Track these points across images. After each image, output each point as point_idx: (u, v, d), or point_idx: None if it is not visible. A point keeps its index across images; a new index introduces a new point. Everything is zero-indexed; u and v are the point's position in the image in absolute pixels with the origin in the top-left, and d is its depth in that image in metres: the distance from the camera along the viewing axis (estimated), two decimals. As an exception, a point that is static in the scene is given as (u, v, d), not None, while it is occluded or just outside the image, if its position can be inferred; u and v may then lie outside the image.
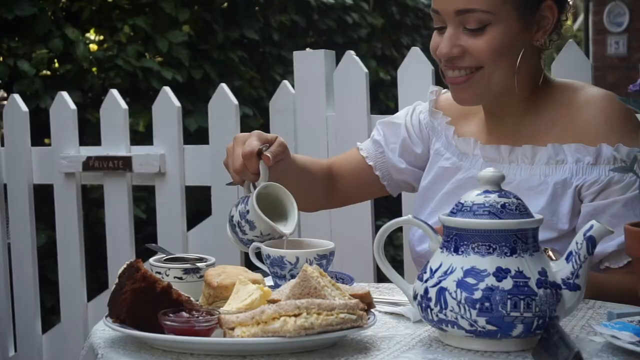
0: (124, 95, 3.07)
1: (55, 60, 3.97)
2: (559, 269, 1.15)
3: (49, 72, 3.99)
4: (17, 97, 3.04)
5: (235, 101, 2.68)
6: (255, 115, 4.29)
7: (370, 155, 1.85)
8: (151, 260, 1.45)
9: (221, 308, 1.23)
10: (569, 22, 1.65)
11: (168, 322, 1.15)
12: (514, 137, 1.63)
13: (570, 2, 1.61)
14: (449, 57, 1.56)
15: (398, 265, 2.01)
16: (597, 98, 1.59)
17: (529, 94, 1.62)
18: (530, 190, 1.57)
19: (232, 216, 1.53)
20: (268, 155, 1.53)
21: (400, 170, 1.83)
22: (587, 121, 1.57)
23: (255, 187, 1.53)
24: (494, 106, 1.65)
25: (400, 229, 2.87)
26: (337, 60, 2.56)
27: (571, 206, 1.55)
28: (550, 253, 1.38)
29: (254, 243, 1.51)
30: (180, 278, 1.40)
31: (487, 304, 1.10)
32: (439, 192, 1.71)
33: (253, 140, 1.55)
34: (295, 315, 1.10)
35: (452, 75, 1.58)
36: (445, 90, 1.81)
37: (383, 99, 5.23)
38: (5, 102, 3.20)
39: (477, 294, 1.10)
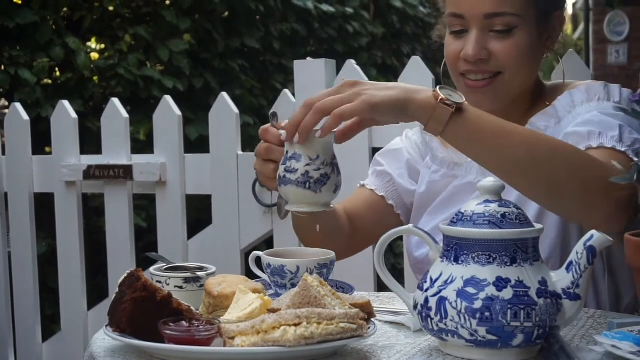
0: (124, 104, 3.08)
1: (57, 69, 3.97)
2: (560, 279, 1.15)
3: (50, 81, 3.99)
4: (18, 105, 3.05)
5: (236, 110, 2.68)
6: (256, 124, 4.30)
7: (379, 187, 1.79)
8: (151, 269, 1.45)
9: (221, 317, 1.23)
10: (568, 32, 1.66)
11: (168, 332, 1.15)
12: None
13: (569, 14, 1.64)
14: (476, 60, 1.56)
15: (398, 274, 2.00)
16: (580, 84, 1.62)
17: (525, 99, 1.65)
18: None
19: (279, 176, 1.40)
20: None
21: (411, 193, 1.79)
22: (570, 103, 1.59)
23: None
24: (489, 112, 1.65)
25: (400, 238, 2.87)
26: (338, 69, 2.56)
27: None
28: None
29: (254, 252, 1.51)
30: (181, 287, 1.40)
31: (487, 314, 1.10)
32: (434, 199, 1.71)
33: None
34: (296, 325, 1.10)
35: (475, 78, 1.58)
36: None
37: (384, 107, 5.22)
38: (6, 111, 3.20)
39: (478, 304, 1.10)
